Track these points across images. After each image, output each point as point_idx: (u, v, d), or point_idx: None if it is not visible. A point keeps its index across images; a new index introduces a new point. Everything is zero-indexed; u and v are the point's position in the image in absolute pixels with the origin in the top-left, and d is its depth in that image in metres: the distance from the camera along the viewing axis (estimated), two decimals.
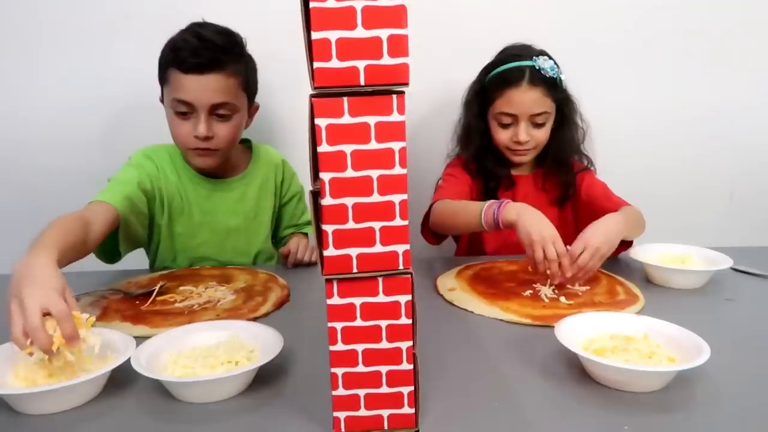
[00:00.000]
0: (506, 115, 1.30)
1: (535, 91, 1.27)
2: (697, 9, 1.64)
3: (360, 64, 0.52)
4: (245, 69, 1.25)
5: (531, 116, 1.29)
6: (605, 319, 0.83)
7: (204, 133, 1.19)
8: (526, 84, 1.27)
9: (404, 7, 0.51)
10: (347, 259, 0.57)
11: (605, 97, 1.65)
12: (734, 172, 1.77)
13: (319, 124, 0.54)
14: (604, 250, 1.03)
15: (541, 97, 1.28)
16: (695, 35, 1.66)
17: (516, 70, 1.28)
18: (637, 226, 1.21)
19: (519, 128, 1.30)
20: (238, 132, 1.27)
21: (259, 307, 0.99)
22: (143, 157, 1.28)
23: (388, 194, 0.56)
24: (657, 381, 0.70)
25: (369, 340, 0.60)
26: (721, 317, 0.97)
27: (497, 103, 1.31)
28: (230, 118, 1.22)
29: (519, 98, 1.28)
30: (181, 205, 1.30)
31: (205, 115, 1.18)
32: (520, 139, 1.30)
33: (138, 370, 0.68)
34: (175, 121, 1.21)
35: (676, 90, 1.69)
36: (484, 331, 0.91)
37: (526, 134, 1.30)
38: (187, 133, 1.20)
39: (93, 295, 1.06)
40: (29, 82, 1.54)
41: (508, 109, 1.29)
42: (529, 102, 1.28)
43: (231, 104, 1.21)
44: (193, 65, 1.15)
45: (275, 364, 0.73)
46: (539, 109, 1.28)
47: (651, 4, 1.63)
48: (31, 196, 1.59)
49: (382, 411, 0.62)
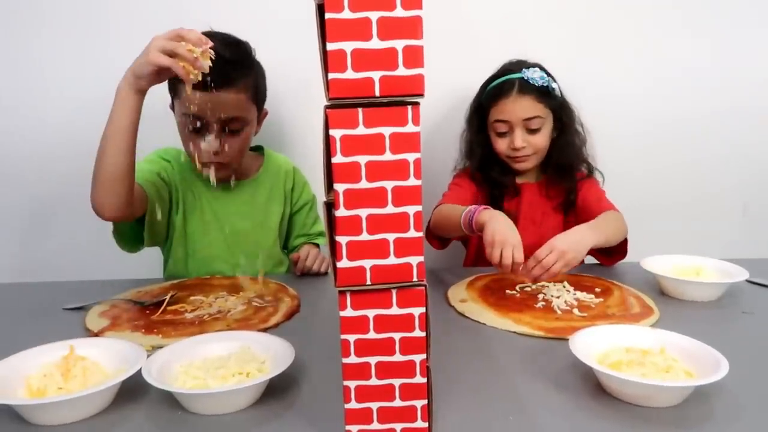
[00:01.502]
0: (501, 123, 1.37)
1: (525, 98, 1.34)
2: (705, 9, 1.63)
3: (375, 75, 0.52)
4: (255, 80, 1.26)
5: (524, 121, 1.35)
6: (620, 332, 0.82)
7: (215, 149, 1.20)
8: (516, 93, 1.34)
9: (420, 18, 0.51)
10: (361, 270, 0.56)
11: (616, 105, 1.65)
12: (747, 182, 1.75)
13: (333, 135, 0.53)
14: (569, 256, 1.07)
15: (532, 103, 1.35)
16: (708, 45, 1.65)
17: (507, 83, 1.36)
18: (616, 232, 1.23)
19: (514, 135, 1.36)
20: (248, 142, 1.29)
21: (269, 317, 0.99)
22: (156, 155, 1.32)
23: (402, 206, 0.55)
24: (675, 396, 0.69)
25: (382, 353, 0.59)
26: (737, 330, 0.96)
27: (491, 113, 1.39)
28: (241, 131, 1.24)
29: (510, 107, 1.35)
30: (193, 204, 1.33)
31: (216, 131, 1.19)
32: (516, 145, 1.36)
33: (149, 381, 0.68)
34: (186, 134, 1.22)
35: (687, 101, 1.68)
36: (496, 344, 0.90)
37: (521, 140, 1.36)
38: (197, 147, 1.21)
39: (104, 304, 1.06)
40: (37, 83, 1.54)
41: (500, 116, 1.36)
42: (519, 109, 1.34)
43: (242, 118, 1.22)
44: (202, 83, 1.14)
45: (286, 375, 0.72)
46: (530, 114, 1.34)
47: (658, 8, 1.62)
48: (39, 197, 1.59)
49: (395, 425, 0.61)
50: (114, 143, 1.03)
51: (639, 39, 1.64)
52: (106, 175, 1.04)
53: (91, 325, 0.96)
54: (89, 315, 1.01)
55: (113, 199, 1.05)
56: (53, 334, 0.82)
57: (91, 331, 0.94)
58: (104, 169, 1.04)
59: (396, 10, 0.51)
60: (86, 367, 0.74)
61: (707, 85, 1.68)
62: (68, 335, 0.82)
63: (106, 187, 1.04)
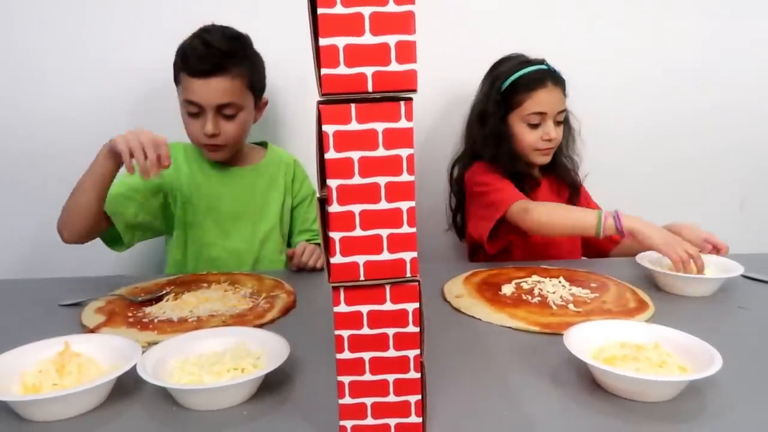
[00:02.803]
0: (536, 115, 1.36)
1: (557, 89, 1.37)
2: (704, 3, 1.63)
3: (368, 71, 0.52)
4: (250, 69, 1.33)
5: (556, 114, 1.37)
6: (615, 327, 0.82)
7: (211, 131, 1.29)
8: (551, 84, 1.35)
9: (412, 13, 0.51)
10: (354, 266, 0.56)
11: (612, 100, 1.65)
12: (745, 178, 1.75)
13: (326, 130, 0.53)
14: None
15: (562, 96, 1.38)
16: (703, 42, 1.65)
17: (538, 73, 1.36)
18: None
19: (548, 126, 1.36)
20: (245, 127, 1.36)
21: (265, 313, 0.99)
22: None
23: (395, 201, 0.55)
24: (668, 391, 0.69)
25: (376, 348, 0.59)
26: (732, 325, 0.96)
27: (527, 104, 1.36)
28: (236, 116, 1.32)
29: (547, 97, 1.35)
30: (189, 194, 1.38)
31: (212, 115, 1.29)
32: (551, 137, 1.36)
33: (144, 377, 0.68)
34: (187, 119, 1.32)
35: (685, 96, 1.68)
36: (491, 339, 0.90)
37: (554, 131, 1.37)
38: (198, 131, 1.31)
39: (100, 301, 1.06)
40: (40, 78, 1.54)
41: (538, 108, 1.36)
42: (555, 100, 1.36)
43: (236, 104, 1.30)
44: (199, 70, 1.26)
45: (281, 371, 0.72)
46: (562, 107, 1.38)
47: (655, 6, 1.62)
48: (35, 194, 1.59)
49: (390, 420, 0.61)
50: (85, 191, 1.14)
51: (636, 33, 1.64)
52: (73, 212, 1.16)
53: (86, 322, 0.96)
54: (85, 311, 1.01)
55: (73, 230, 1.18)
56: (49, 331, 0.82)
57: (86, 328, 0.94)
58: (72, 206, 1.16)
59: (389, 6, 0.51)
60: (81, 363, 0.74)
61: (705, 81, 1.68)
62: (64, 331, 0.82)
63: (70, 221, 1.17)
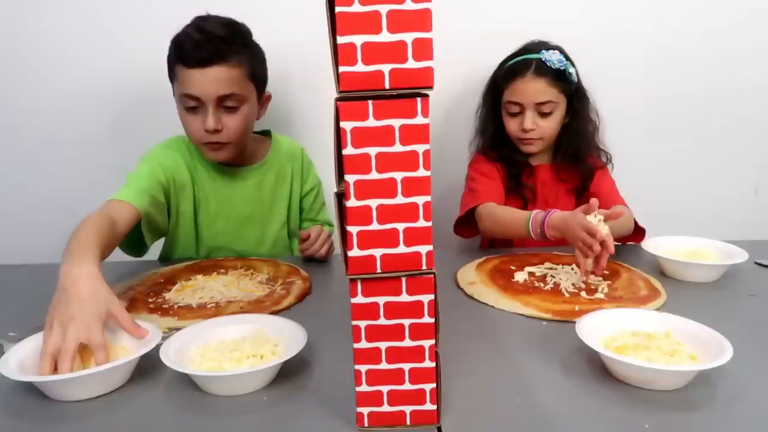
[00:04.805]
0: (513, 104, 1.37)
1: (539, 81, 1.33)
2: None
3: (385, 68, 0.53)
4: (250, 58, 1.24)
5: (536, 105, 1.35)
6: (627, 315, 0.83)
7: (213, 126, 1.19)
8: (531, 74, 1.34)
9: (429, 10, 0.52)
10: (371, 259, 0.58)
11: (626, 84, 1.63)
12: (759, 163, 1.74)
13: (344, 127, 0.54)
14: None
15: (546, 87, 1.34)
16: (716, 23, 1.62)
17: (523, 62, 1.35)
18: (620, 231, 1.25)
19: (525, 117, 1.36)
20: (249, 123, 1.27)
21: (282, 300, 1.01)
22: (159, 150, 1.30)
23: (411, 196, 0.56)
24: (679, 380, 0.70)
25: (392, 338, 0.61)
26: (743, 313, 0.97)
27: (506, 93, 1.39)
28: (238, 109, 1.22)
29: (523, 88, 1.35)
30: (199, 195, 1.32)
31: (212, 108, 1.19)
32: (525, 127, 1.36)
33: (166, 363, 0.70)
34: (186, 116, 1.22)
35: (699, 82, 1.66)
36: (504, 326, 0.91)
37: (531, 122, 1.36)
38: (198, 128, 1.21)
39: (121, 286, 1.08)
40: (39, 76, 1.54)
41: (513, 98, 1.37)
42: (532, 91, 1.34)
43: (238, 95, 1.21)
44: (196, 59, 1.16)
45: (299, 357, 0.74)
46: (543, 98, 1.34)
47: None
48: (43, 190, 1.61)
49: (405, 407, 0.63)
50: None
51: (649, 15, 1.61)
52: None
53: None
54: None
55: None
56: None
57: None
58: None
59: (405, 3, 0.51)
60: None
61: (720, 64, 1.65)
62: None
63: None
